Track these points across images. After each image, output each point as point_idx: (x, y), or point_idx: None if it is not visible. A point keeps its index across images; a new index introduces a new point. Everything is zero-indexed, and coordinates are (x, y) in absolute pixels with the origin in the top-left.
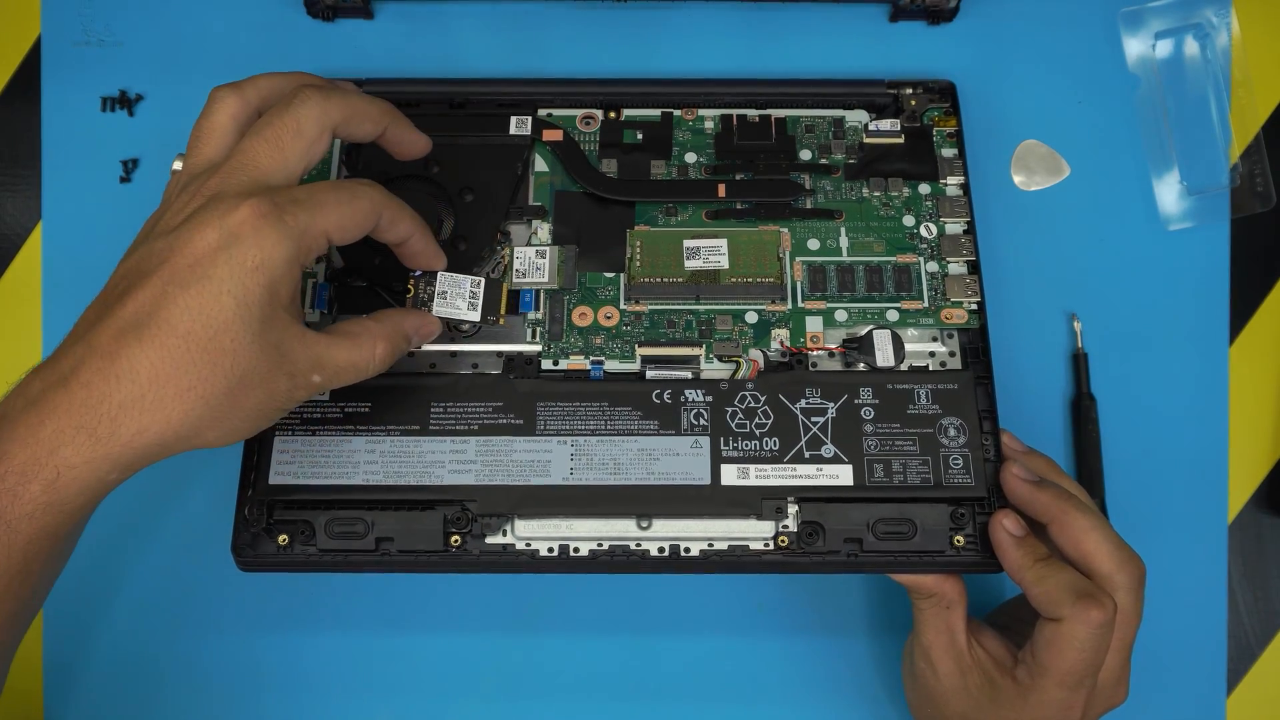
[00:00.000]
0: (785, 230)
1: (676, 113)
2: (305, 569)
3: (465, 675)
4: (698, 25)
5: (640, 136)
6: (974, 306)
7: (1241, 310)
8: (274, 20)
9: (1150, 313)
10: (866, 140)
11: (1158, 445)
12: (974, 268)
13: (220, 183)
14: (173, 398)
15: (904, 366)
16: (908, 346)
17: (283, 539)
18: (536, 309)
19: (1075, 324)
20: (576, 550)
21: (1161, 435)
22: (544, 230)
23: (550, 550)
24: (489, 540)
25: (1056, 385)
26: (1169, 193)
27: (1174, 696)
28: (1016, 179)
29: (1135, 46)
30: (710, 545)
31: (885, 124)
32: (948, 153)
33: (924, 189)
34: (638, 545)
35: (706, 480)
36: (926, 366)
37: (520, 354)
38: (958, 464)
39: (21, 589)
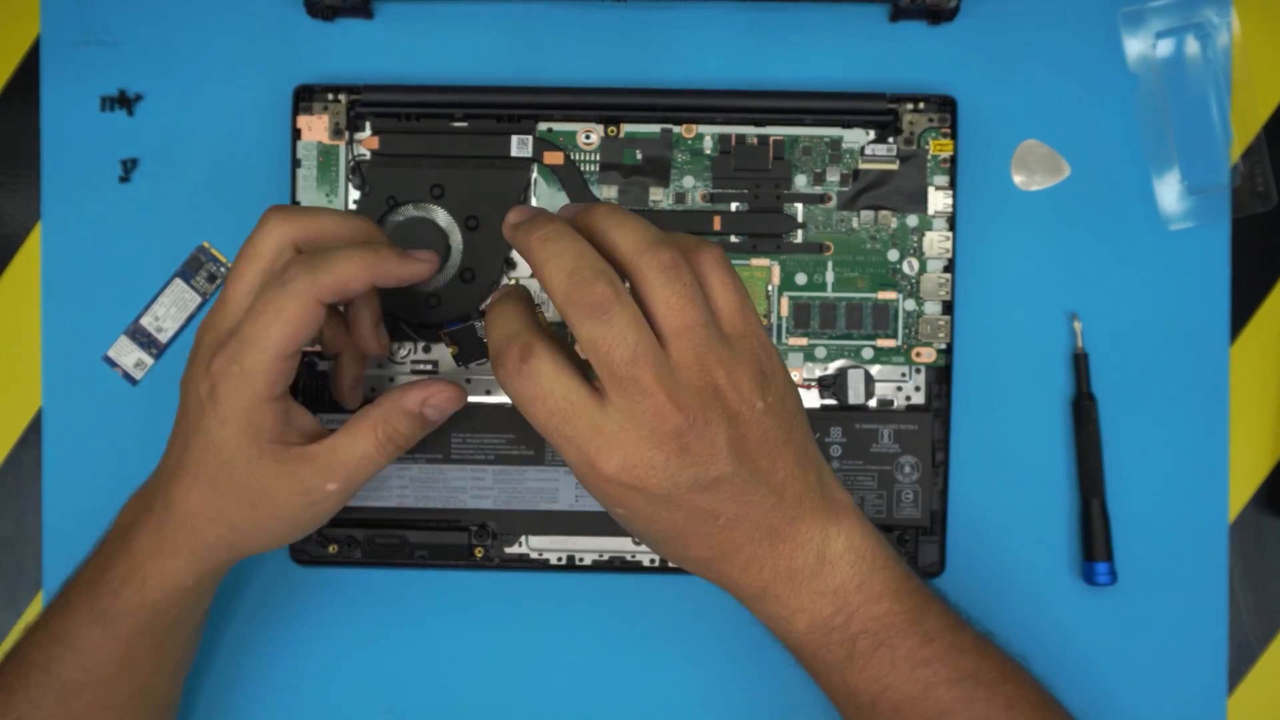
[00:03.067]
0: (775, 264)
1: (676, 130)
2: (352, 565)
3: (478, 659)
4: (699, 25)
5: (640, 156)
6: (943, 347)
7: (1241, 310)
8: (274, 20)
9: (1150, 313)
10: (862, 166)
11: (1159, 445)
12: (948, 308)
13: (199, 333)
14: (205, 525)
15: (873, 402)
16: (877, 379)
17: (332, 549)
18: None
19: (1075, 324)
20: (581, 559)
21: (1162, 435)
22: None
23: (559, 559)
24: (508, 550)
25: (1056, 385)
26: (1169, 193)
27: (1174, 696)
28: (1016, 179)
29: (1135, 46)
30: None
31: (881, 149)
32: (940, 180)
33: (912, 221)
34: (633, 557)
35: None
36: (892, 402)
37: None
38: (908, 498)
39: (134, 674)
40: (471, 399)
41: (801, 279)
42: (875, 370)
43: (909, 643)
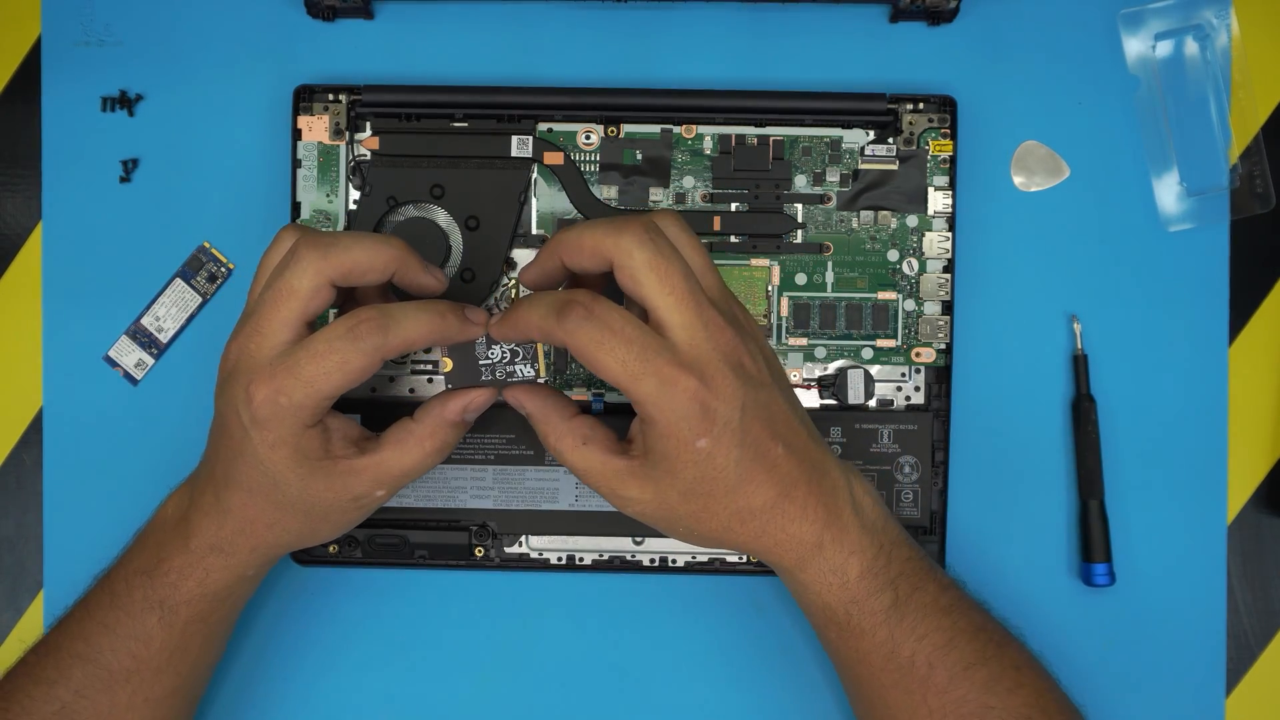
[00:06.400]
0: (775, 265)
1: (676, 130)
2: (352, 565)
3: (478, 659)
4: (699, 25)
5: (640, 156)
6: (943, 347)
7: (1241, 310)
8: (274, 20)
9: (1150, 313)
10: (862, 166)
11: (1158, 446)
12: (948, 308)
13: (236, 351)
14: (264, 530)
15: (873, 403)
16: (877, 380)
17: (332, 549)
18: None
19: (1075, 325)
20: (581, 559)
21: (1161, 435)
22: None
23: (559, 559)
24: (508, 550)
25: (1056, 386)
26: (1169, 193)
27: (1174, 696)
28: (1016, 180)
29: (1135, 47)
30: (693, 558)
31: (881, 149)
32: (940, 180)
33: (911, 221)
34: (633, 557)
35: None
36: (892, 402)
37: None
38: (908, 497)
39: (181, 664)
40: None
41: (801, 279)
42: (875, 370)
43: (933, 587)
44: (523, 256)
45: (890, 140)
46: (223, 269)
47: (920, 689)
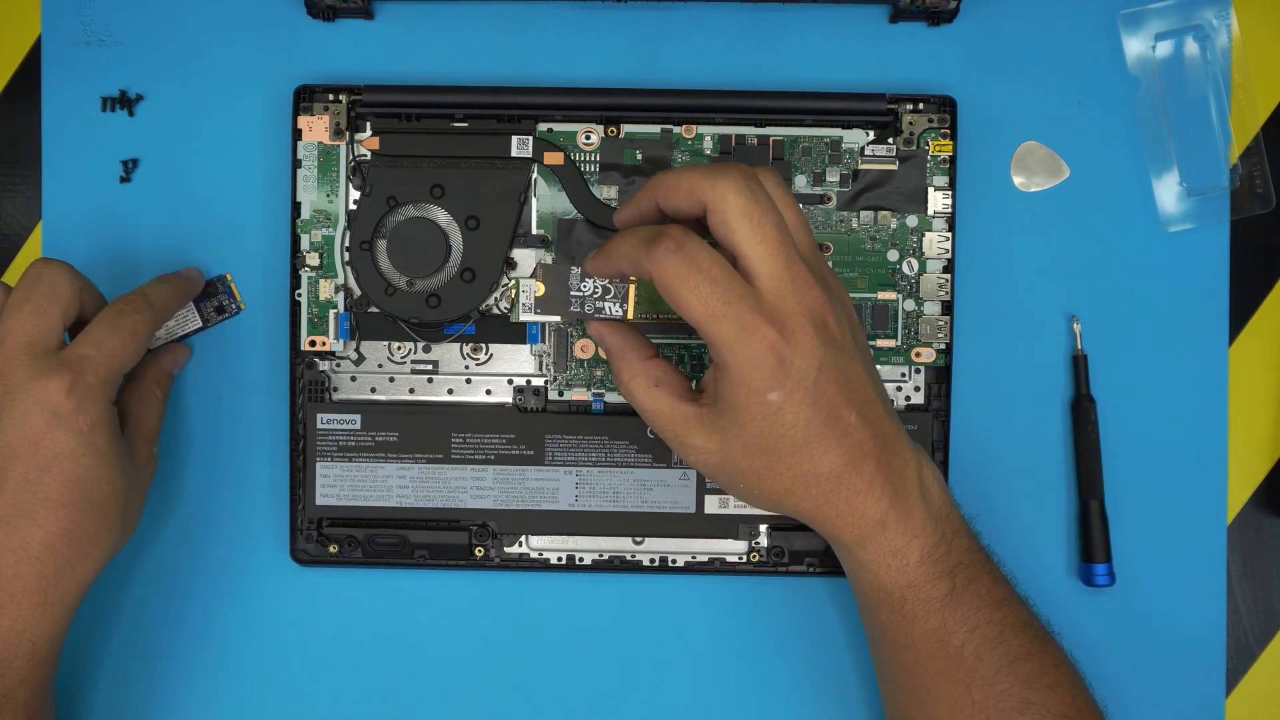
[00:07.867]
0: None
1: (676, 130)
2: (352, 565)
3: (478, 659)
4: (699, 25)
5: (640, 156)
6: (943, 347)
7: (1241, 311)
8: (274, 20)
9: (1150, 313)
10: (862, 166)
11: (1157, 446)
12: (948, 308)
13: (8, 370)
14: (89, 546)
15: None
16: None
17: (333, 549)
18: (542, 340)
19: (1075, 325)
20: (581, 559)
21: (1161, 436)
22: (547, 261)
23: (559, 559)
24: (508, 550)
25: (1056, 387)
26: (1169, 194)
27: (1173, 696)
28: (1016, 180)
29: (1135, 48)
30: (694, 558)
31: (881, 149)
32: (940, 180)
33: (911, 221)
34: (633, 557)
35: (692, 509)
36: (892, 402)
37: (529, 384)
38: None
39: None
40: (470, 399)
41: None
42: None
43: (987, 580)
44: (523, 256)
45: (890, 140)
46: (233, 305)
47: (966, 679)
